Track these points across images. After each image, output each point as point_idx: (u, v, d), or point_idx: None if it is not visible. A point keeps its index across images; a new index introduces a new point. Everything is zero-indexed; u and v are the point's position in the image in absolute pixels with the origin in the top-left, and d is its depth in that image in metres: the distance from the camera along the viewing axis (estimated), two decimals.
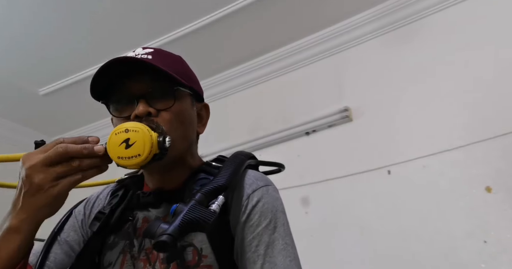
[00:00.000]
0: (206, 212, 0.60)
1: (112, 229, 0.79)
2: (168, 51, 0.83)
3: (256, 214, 0.71)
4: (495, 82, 1.80)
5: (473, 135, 1.76)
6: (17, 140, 3.10)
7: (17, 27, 2.19)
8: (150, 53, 0.76)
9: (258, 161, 0.86)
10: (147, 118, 0.71)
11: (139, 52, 0.77)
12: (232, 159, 0.77)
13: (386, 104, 2.05)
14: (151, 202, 0.77)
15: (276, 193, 0.77)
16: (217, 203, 0.63)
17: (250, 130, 2.41)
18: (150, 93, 0.73)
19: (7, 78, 2.54)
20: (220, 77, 2.61)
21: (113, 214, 0.80)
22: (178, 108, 0.75)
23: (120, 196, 0.82)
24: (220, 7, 2.14)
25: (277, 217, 0.73)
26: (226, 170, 0.71)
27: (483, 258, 1.58)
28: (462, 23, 1.97)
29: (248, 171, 0.78)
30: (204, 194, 0.64)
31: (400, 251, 1.74)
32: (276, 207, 0.74)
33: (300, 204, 2.07)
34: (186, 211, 0.59)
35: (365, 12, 2.21)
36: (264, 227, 0.70)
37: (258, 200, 0.72)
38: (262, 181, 0.77)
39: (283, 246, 0.70)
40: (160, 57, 0.76)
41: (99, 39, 2.27)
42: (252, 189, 0.74)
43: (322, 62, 2.36)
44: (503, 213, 1.60)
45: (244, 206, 0.72)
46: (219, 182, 0.67)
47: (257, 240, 0.69)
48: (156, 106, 0.73)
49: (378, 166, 1.94)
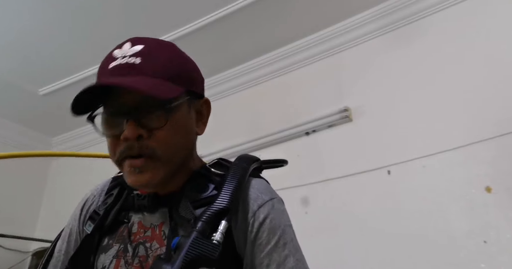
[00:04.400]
0: (210, 245, 0.57)
1: (106, 230, 0.76)
2: (160, 43, 0.74)
3: (265, 232, 0.68)
4: (495, 82, 1.80)
5: (473, 135, 1.76)
6: (17, 140, 3.10)
7: (17, 27, 2.19)
8: (139, 54, 0.68)
9: (261, 161, 0.81)
10: (138, 142, 0.66)
11: (126, 53, 0.68)
12: (235, 170, 0.71)
13: (386, 104, 2.05)
14: (146, 206, 0.74)
15: (281, 206, 0.74)
16: (220, 232, 0.60)
17: (250, 130, 2.40)
18: (140, 111, 0.66)
19: (7, 78, 2.54)
20: (220, 77, 2.61)
21: (108, 215, 0.77)
22: (173, 123, 0.68)
23: (115, 196, 0.79)
24: (221, 7, 2.14)
25: (285, 233, 0.70)
26: (228, 187, 0.67)
27: (483, 258, 1.58)
28: (462, 23, 1.97)
29: (251, 182, 0.73)
30: (206, 221, 0.61)
31: (400, 251, 1.74)
32: (283, 222, 0.71)
33: (300, 204, 2.07)
34: (189, 247, 0.56)
35: (365, 12, 2.21)
36: (274, 245, 0.68)
37: (265, 217, 0.69)
38: (266, 195, 0.72)
39: (294, 263, 0.67)
40: (150, 60, 0.68)
41: (99, 39, 2.26)
42: (257, 205, 0.70)
43: (322, 62, 2.36)
44: (503, 213, 1.60)
45: (250, 224, 0.68)
46: (221, 205, 0.63)
47: (268, 259, 0.67)
48: (147, 125, 0.66)
49: (378, 166, 1.94)
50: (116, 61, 0.68)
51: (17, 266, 2.75)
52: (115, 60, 0.68)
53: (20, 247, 2.84)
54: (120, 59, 0.68)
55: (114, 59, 0.68)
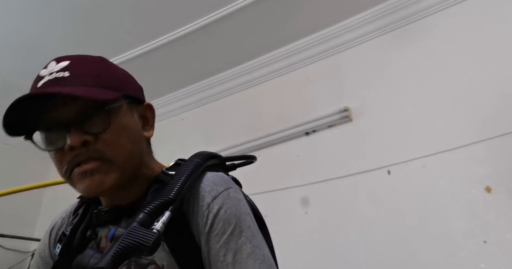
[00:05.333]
0: (146, 233, 0.56)
1: (76, 250, 0.75)
2: (86, 57, 0.73)
3: (220, 222, 0.67)
4: (495, 82, 1.80)
5: (473, 135, 1.76)
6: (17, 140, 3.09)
7: (17, 27, 2.19)
8: (66, 68, 0.67)
9: (223, 158, 0.80)
10: (85, 148, 0.65)
11: (53, 69, 0.67)
12: (186, 164, 0.71)
13: (386, 104, 2.05)
14: (110, 219, 0.73)
15: (238, 194, 0.72)
16: (162, 221, 0.59)
17: (250, 130, 2.40)
18: (80, 118, 0.65)
19: (7, 78, 2.54)
20: (221, 77, 2.61)
21: (74, 234, 0.76)
22: (116, 125, 0.68)
23: (80, 215, 0.79)
24: (220, 8, 2.14)
25: (241, 220, 0.68)
26: (175, 181, 0.67)
27: (483, 258, 1.58)
28: (462, 23, 1.97)
29: (205, 175, 0.72)
30: (148, 213, 0.60)
31: (400, 251, 1.74)
32: (239, 210, 0.69)
33: (300, 204, 2.07)
34: (123, 237, 0.55)
35: (365, 12, 2.21)
36: (230, 233, 0.67)
37: (219, 207, 0.68)
38: (221, 186, 0.71)
39: (251, 249, 0.66)
40: (78, 72, 0.67)
41: (99, 39, 2.27)
42: (211, 196, 0.69)
43: (322, 62, 2.36)
44: (503, 213, 1.60)
45: (205, 216, 0.67)
46: (165, 197, 0.63)
47: (224, 248, 0.66)
48: (91, 130, 0.65)
49: (378, 166, 1.94)
50: (44, 79, 0.67)
51: (17, 266, 2.75)
52: (43, 78, 0.67)
53: (20, 247, 2.84)
54: (47, 76, 0.67)
55: (42, 78, 0.67)
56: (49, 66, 0.69)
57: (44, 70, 0.69)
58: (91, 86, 0.66)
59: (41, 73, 0.69)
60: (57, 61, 0.70)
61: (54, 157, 0.69)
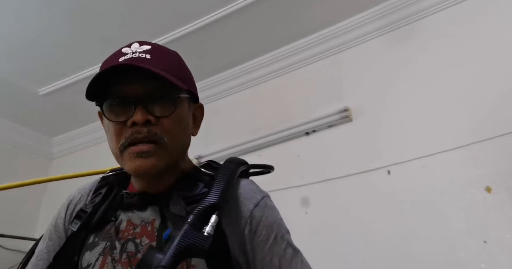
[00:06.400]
0: (201, 237, 0.60)
1: (93, 228, 0.76)
2: (165, 48, 0.79)
3: (263, 229, 0.72)
4: (495, 82, 1.80)
5: (473, 135, 1.76)
6: (17, 140, 3.10)
7: (17, 28, 2.19)
8: (148, 51, 0.72)
9: (249, 165, 0.84)
10: (146, 126, 0.69)
11: (136, 50, 0.73)
12: (224, 170, 0.74)
13: (386, 104, 2.05)
14: (136, 204, 0.75)
15: (271, 202, 0.79)
16: (211, 225, 0.63)
17: (250, 130, 2.40)
18: (149, 98, 0.70)
19: (7, 78, 2.54)
20: (221, 77, 2.61)
21: (95, 213, 0.77)
22: (178, 114, 0.72)
23: (103, 195, 0.80)
24: (220, 8, 2.14)
25: (281, 226, 0.75)
26: (218, 185, 0.69)
27: (483, 258, 1.58)
28: (462, 23, 1.97)
29: (241, 183, 0.77)
30: (197, 215, 0.63)
31: (400, 251, 1.74)
32: (277, 216, 0.77)
33: (300, 204, 2.07)
34: (180, 238, 0.59)
35: (365, 12, 2.21)
36: (273, 240, 0.72)
37: (261, 215, 0.73)
38: (258, 194, 0.77)
39: (293, 252, 0.73)
40: (159, 57, 0.73)
41: (99, 39, 2.27)
42: (253, 204, 0.74)
43: (322, 62, 2.36)
44: (503, 213, 1.60)
45: (248, 223, 0.72)
46: (212, 200, 0.66)
47: (270, 254, 0.71)
48: (155, 112, 0.70)
49: (378, 166, 1.94)
50: (127, 56, 0.72)
51: (17, 266, 2.75)
52: (126, 55, 0.72)
53: (20, 247, 2.83)
54: (131, 54, 0.72)
55: (125, 54, 0.72)
56: (133, 46, 0.74)
57: (127, 48, 0.74)
58: (168, 72, 0.70)
59: (124, 50, 0.73)
60: (140, 44, 0.75)
61: (113, 130, 0.72)
